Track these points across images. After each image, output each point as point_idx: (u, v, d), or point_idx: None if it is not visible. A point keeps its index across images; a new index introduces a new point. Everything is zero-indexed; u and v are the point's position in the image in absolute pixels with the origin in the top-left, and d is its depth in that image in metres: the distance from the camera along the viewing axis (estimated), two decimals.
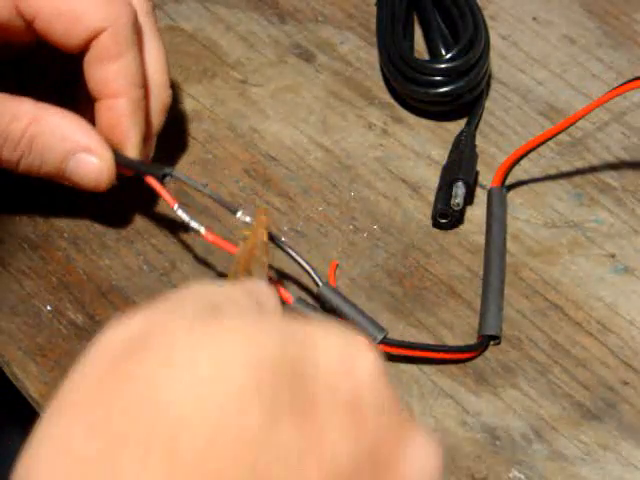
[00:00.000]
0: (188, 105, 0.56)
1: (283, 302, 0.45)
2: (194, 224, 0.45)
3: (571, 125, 0.52)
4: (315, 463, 0.28)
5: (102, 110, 0.48)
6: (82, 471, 0.26)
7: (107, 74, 0.47)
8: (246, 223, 0.45)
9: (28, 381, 0.45)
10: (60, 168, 0.47)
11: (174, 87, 0.57)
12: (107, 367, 0.28)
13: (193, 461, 0.26)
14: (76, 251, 0.50)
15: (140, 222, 0.51)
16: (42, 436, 0.28)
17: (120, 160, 0.47)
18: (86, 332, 0.47)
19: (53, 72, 0.52)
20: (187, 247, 0.50)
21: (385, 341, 0.46)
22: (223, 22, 0.60)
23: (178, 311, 0.30)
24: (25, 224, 0.51)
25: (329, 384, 0.30)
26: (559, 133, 0.52)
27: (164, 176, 0.47)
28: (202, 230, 0.45)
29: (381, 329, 0.46)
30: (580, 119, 0.51)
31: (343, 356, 0.30)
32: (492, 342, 0.47)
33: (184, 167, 0.53)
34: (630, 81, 0.50)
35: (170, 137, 0.54)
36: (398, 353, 0.46)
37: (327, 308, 0.47)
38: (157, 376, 0.28)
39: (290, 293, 0.46)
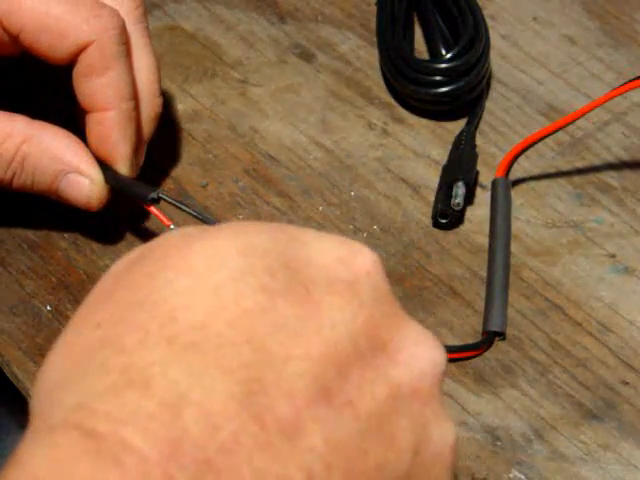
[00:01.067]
0: (188, 105, 0.56)
1: None
2: None
3: (575, 121, 0.51)
4: (314, 330, 0.29)
5: (92, 123, 0.47)
6: (87, 352, 0.29)
7: (95, 88, 0.46)
8: None
9: (28, 381, 0.45)
10: (52, 187, 0.47)
11: (174, 87, 0.57)
12: (110, 284, 0.31)
13: (191, 334, 0.28)
14: (76, 251, 0.50)
15: (140, 222, 0.51)
16: (58, 341, 0.31)
17: (110, 180, 0.47)
18: None
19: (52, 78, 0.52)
20: None
21: None
22: (223, 22, 0.60)
23: (171, 235, 0.32)
24: (25, 224, 0.51)
25: (324, 274, 0.31)
26: (562, 128, 0.52)
27: (152, 200, 0.47)
28: None
29: None
30: (582, 116, 0.51)
31: (339, 252, 0.32)
32: (497, 338, 0.47)
33: (184, 167, 0.53)
34: (631, 81, 0.50)
35: (170, 137, 0.54)
36: None
37: None
38: (153, 279, 0.30)
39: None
